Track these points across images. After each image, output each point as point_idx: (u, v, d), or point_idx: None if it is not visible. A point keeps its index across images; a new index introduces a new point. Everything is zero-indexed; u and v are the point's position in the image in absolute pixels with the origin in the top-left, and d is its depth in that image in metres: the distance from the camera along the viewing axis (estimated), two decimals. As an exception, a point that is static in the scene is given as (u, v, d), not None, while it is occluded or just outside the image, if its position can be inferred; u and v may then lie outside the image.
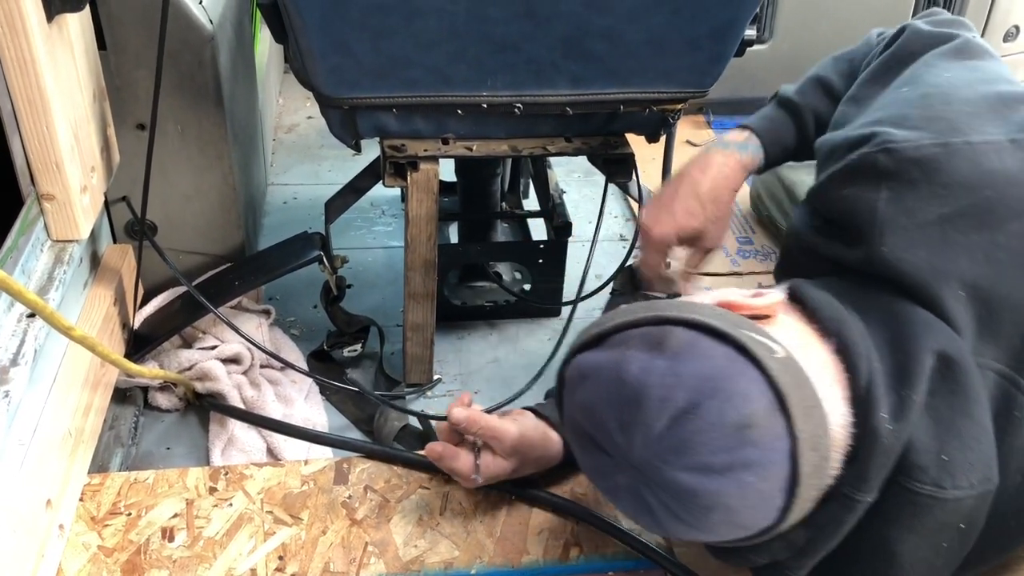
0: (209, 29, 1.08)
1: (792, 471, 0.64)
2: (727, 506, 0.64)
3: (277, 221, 1.57)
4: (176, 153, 1.16)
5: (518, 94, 1.01)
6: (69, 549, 0.91)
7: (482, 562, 0.93)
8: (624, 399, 0.65)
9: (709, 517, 0.65)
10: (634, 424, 0.64)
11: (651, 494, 0.66)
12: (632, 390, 0.65)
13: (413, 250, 1.14)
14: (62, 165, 0.91)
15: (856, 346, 0.70)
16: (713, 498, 0.64)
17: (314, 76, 0.98)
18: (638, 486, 0.66)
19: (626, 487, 0.67)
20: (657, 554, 0.93)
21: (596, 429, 0.68)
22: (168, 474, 1.00)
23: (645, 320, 0.70)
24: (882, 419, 0.68)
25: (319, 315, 1.30)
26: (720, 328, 0.66)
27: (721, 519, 0.65)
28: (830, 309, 0.73)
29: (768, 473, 0.64)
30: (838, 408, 0.68)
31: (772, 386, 0.64)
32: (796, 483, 0.64)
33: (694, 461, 0.63)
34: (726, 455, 0.63)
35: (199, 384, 1.15)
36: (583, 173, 1.78)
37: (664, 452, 0.64)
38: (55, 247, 0.97)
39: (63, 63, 0.90)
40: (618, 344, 0.69)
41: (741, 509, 0.65)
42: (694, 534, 0.67)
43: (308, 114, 1.93)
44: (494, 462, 0.92)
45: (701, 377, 0.64)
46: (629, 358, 0.66)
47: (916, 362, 0.70)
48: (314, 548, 0.93)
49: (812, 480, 0.66)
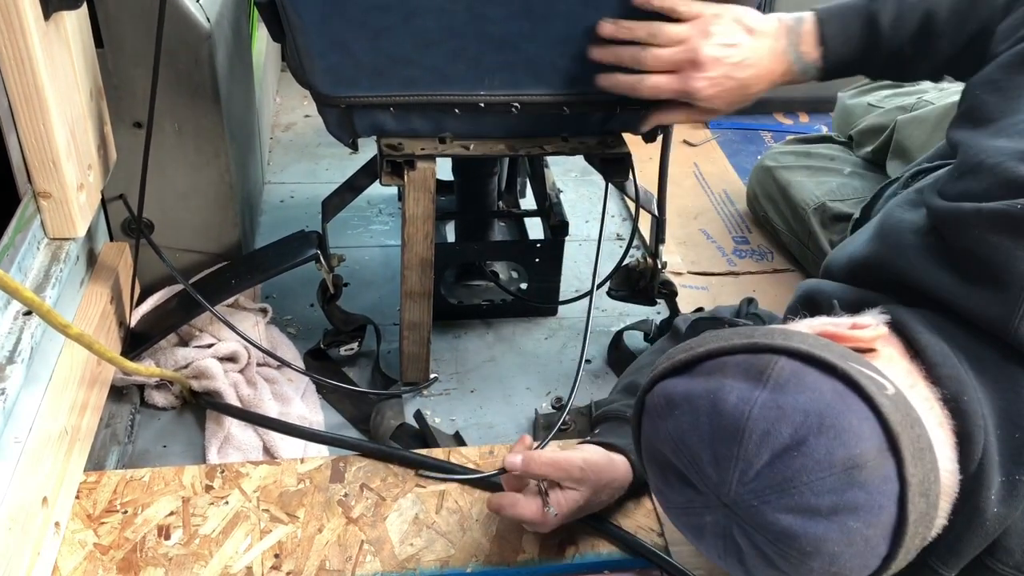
0: (206, 27, 1.08)
1: (900, 517, 0.59)
2: (830, 553, 0.59)
3: (274, 220, 1.57)
4: (173, 151, 1.16)
5: (516, 93, 1.01)
6: (65, 547, 0.91)
7: (478, 561, 0.93)
8: (721, 431, 0.60)
9: (808, 564, 0.59)
10: (732, 459, 0.59)
11: (744, 536, 0.61)
12: (730, 422, 0.60)
13: (410, 249, 1.14)
14: (59, 163, 0.91)
15: (975, 416, 0.65)
16: (815, 544, 0.58)
17: (311, 75, 0.98)
18: (730, 527, 0.61)
19: (714, 527, 0.62)
20: (652, 553, 0.93)
21: (685, 463, 0.63)
22: (164, 472, 1.00)
23: (742, 347, 0.64)
24: (991, 500, 0.64)
25: (316, 314, 1.30)
26: (827, 359, 0.61)
27: (821, 568, 0.60)
28: (947, 365, 0.67)
29: (875, 519, 0.59)
30: (947, 459, 0.64)
31: (883, 424, 0.59)
32: (903, 531, 0.59)
33: (797, 502, 0.58)
34: (832, 497, 0.58)
35: (195, 382, 1.15)
36: (580, 172, 1.78)
37: (764, 491, 0.59)
38: (52, 245, 0.97)
39: (60, 61, 0.90)
40: (712, 372, 0.64)
41: (843, 557, 0.59)
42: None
43: (305, 113, 1.93)
44: (564, 496, 0.87)
45: (808, 411, 0.59)
46: (727, 387, 0.61)
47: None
48: (310, 546, 0.93)
49: (919, 528, 0.61)
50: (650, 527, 0.97)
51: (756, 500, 0.59)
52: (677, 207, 1.68)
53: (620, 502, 0.99)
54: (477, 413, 1.22)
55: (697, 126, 1.97)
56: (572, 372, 1.29)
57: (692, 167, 1.82)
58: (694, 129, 1.95)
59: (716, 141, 1.91)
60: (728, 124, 1.96)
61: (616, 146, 1.12)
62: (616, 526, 0.96)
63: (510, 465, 0.87)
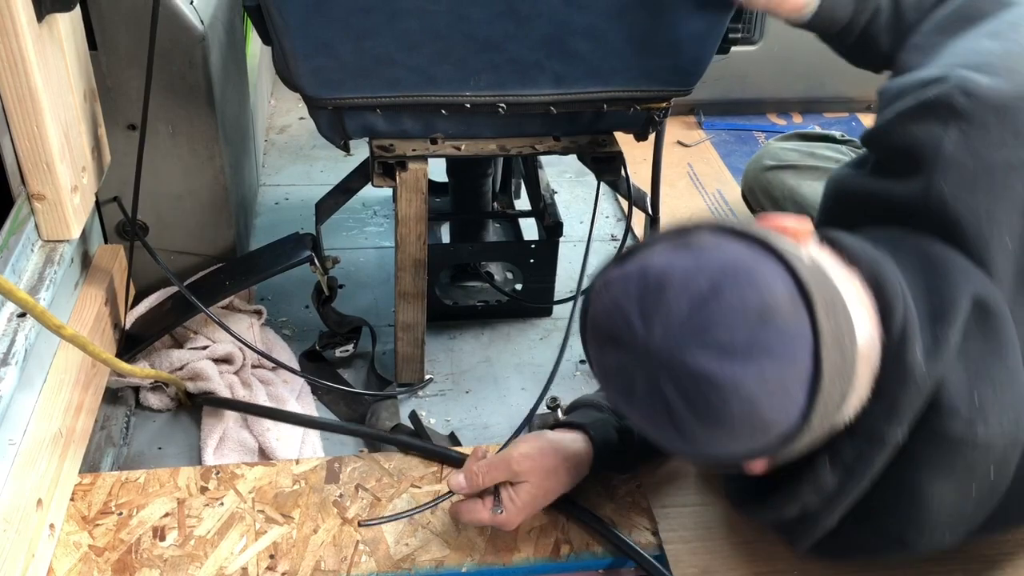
0: (200, 29, 1.08)
1: (814, 368, 0.63)
2: (747, 396, 0.63)
3: (269, 222, 1.58)
4: (167, 153, 1.16)
5: (502, 94, 1.01)
6: (60, 549, 0.91)
7: (473, 560, 0.93)
8: (646, 289, 0.65)
9: (728, 408, 0.63)
10: (655, 312, 0.64)
11: (670, 386, 0.64)
12: (655, 280, 0.65)
13: (403, 250, 1.14)
14: (53, 165, 0.91)
15: (892, 286, 0.70)
16: (733, 384, 0.62)
17: (298, 77, 0.98)
18: (657, 379, 0.65)
19: (644, 386, 0.66)
20: (641, 556, 0.93)
21: (617, 325, 0.67)
22: (159, 473, 1.00)
23: (671, 232, 0.70)
24: (916, 356, 0.69)
25: (311, 315, 1.30)
26: (747, 230, 0.67)
27: (741, 412, 0.63)
28: (864, 250, 0.73)
29: (789, 365, 0.63)
30: (866, 326, 0.68)
31: (796, 279, 0.64)
32: (818, 382, 0.63)
33: (714, 344, 0.63)
34: (746, 337, 0.62)
35: (191, 384, 1.15)
36: (574, 173, 1.78)
37: (684, 336, 0.63)
38: (46, 247, 0.97)
39: (54, 63, 0.90)
40: (642, 251, 0.70)
41: (761, 400, 0.63)
42: (714, 440, 0.66)
43: (300, 115, 1.93)
44: (515, 491, 0.90)
45: (724, 265, 0.64)
46: (654, 255, 0.68)
47: (952, 305, 0.71)
48: (305, 547, 0.93)
49: (836, 383, 0.64)
50: (644, 526, 0.98)
51: (678, 345, 0.64)
52: (671, 208, 1.68)
53: (615, 500, 1.00)
54: (472, 413, 1.22)
55: (691, 127, 1.97)
56: (567, 372, 1.30)
57: (686, 168, 1.82)
58: (688, 130, 1.96)
59: (710, 142, 1.91)
60: (722, 125, 1.97)
61: (608, 145, 1.13)
62: (609, 526, 0.96)
63: (456, 487, 0.91)
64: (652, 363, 0.65)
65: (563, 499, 0.96)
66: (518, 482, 0.90)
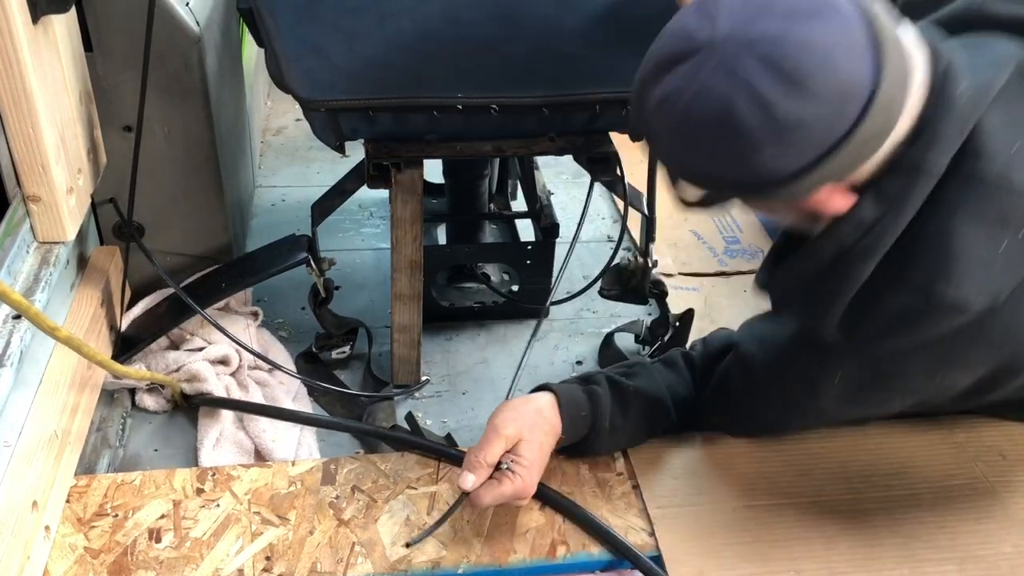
0: (196, 31, 1.08)
1: (872, 36, 0.68)
2: (823, 48, 0.67)
3: (265, 223, 1.58)
4: (163, 155, 1.16)
5: (494, 96, 1.01)
6: (55, 551, 0.91)
7: (469, 561, 0.93)
8: (703, 2, 0.71)
9: (807, 63, 0.67)
10: (716, 9, 0.69)
11: (748, 62, 0.67)
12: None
13: (398, 251, 1.14)
14: (48, 167, 0.91)
15: (938, 38, 0.75)
16: (806, 38, 0.67)
17: (290, 80, 0.98)
18: (731, 66, 0.68)
19: (717, 78, 0.68)
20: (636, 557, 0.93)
21: (679, 41, 0.71)
22: (155, 475, 1.00)
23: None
24: (959, 88, 0.72)
25: (307, 317, 1.30)
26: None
27: (819, 67, 0.67)
28: (926, 27, 0.77)
29: (852, 25, 0.68)
30: (918, 54, 0.73)
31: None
32: (880, 47, 0.68)
33: (780, 10, 0.68)
34: (810, 4, 0.68)
35: (187, 386, 1.15)
36: (571, 175, 1.79)
37: (750, 14, 0.68)
38: (41, 248, 0.97)
39: (49, 64, 0.90)
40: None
41: (836, 52, 0.67)
42: (799, 99, 0.67)
43: (296, 116, 1.94)
44: (517, 453, 0.92)
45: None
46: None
47: (996, 62, 0.75)
48: (301, 548, 0.93)
49: (894, 58, 0.69)
50: (641, 527, 0.98)
51: (748, 23, 0.68)
52: (668, 209, 1.68)
53: (612, 502, 1.00)
54: (469, 415, 1.22)
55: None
56: (564, 373, 1.30)
57: (683, 169, 1.82)
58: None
59: (707, 143, 1.91)
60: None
61: (603, 145, 1.13)
62: (606, 527, 0.96)
63: (465, 483, 0.91)
64: (721, 52, 0.68)
65: (560, 501, 0.96)
66: (517, 448, 0.92)
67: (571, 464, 1.04)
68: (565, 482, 1.02)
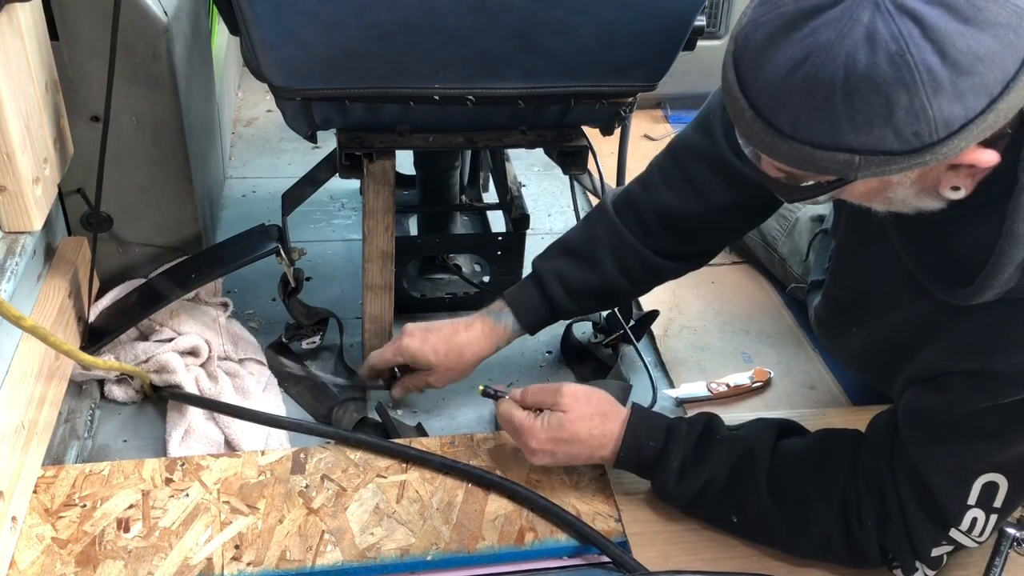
0: (163, 20, 1.08)
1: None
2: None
3: (235, 215, 1.57)
4: (131, 145, 1.16)
5: (470, 87, 1.02)
6: (22, 541, 0.90)
7: (438, 548, 0.94)
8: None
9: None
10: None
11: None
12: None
13: (370, 242, 1.14)
14: (13, 156, 0.90)
15: None
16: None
17: (266, 68, 0.98)
18: (896, 4, 0.62)
19: (881, 21, 0.62)
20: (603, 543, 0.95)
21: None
22: (124, 465, 1.00)
23: None
24: None
25: (278, 308, 1.30)
26: None
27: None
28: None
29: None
30: None
31: None
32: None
33: None
34: None
35: (156, 376, 1.15)
36: (542, 167, 1.79)
37: None
38: (7, 238, 0.96)
39: (14, 53, 0.90)
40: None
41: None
42: (977, 32, 0.61)
43: (268, 108, 1.93)
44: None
45: None
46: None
47: None
48: (271, 537, 0.94)
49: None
50: (608, 513, 0.99)
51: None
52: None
53: (579, 488, 1.01)
54: (439, 405, 1.23)
55: (658, 120, 1.99)
56: (534, 364, 1.31)
57: (653, 161, 1.84)
58: (655, 124, 1.98)
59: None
60: (688, 119, 1.97)
61: (575, 139, 1.14)
62: (572, 515, 0.97)
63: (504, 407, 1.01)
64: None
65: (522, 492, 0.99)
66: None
67: (540, 452, 1.05)
68: (534, 470, 1.03)
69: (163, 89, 1.13)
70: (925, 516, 0.86)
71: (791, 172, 0.72)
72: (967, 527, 0.85)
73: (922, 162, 0.66)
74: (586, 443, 0.96)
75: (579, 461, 0.99)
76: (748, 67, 0.69)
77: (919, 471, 0.86)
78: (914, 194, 0.74)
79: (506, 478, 1.01)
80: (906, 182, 0.72)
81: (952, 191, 0.72)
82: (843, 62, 0.63)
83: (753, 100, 0.68)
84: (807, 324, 1.28)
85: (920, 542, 0.87)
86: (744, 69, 0.69)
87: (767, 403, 1.23)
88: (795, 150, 0.67)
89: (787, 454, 0.94)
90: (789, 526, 0.92)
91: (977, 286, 0.74)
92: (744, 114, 0.70)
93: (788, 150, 0.68)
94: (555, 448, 0.96)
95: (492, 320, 1.13)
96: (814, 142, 0.66)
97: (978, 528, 0.85)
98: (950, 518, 0.85)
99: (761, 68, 0.67)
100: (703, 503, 0.96)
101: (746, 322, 1.39)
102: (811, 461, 0.93)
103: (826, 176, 0.70)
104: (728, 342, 1.35)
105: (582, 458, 0.98)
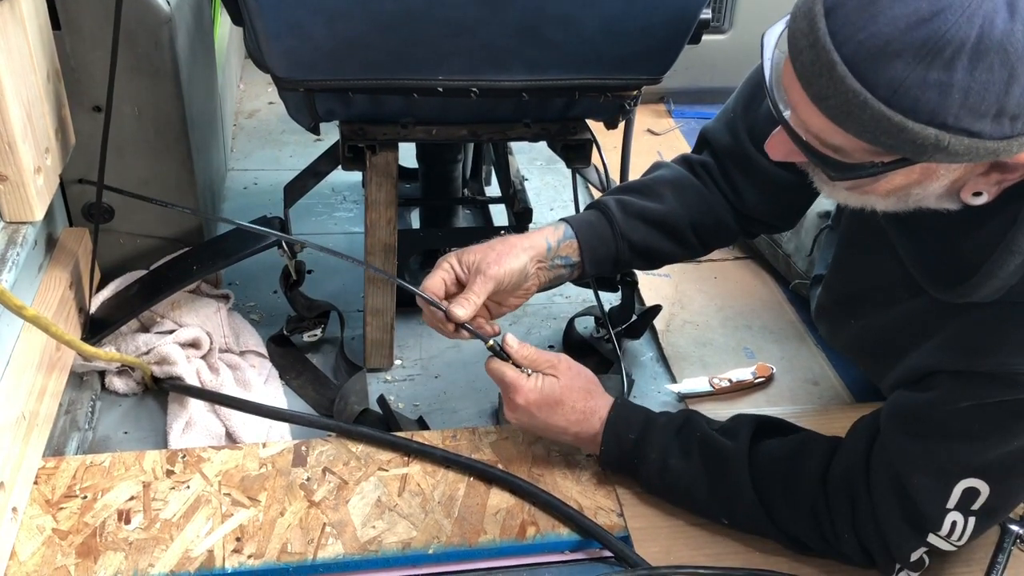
0: (166, 10, 1.07)
1: None
2: None
3: (237, 206, 1.57)
4: (133, 136, 1.15)
5: (474, 78, 1.01)
6: (23, 532, 0.90)
7: (439, 542, 0.94)
8: None
9: None
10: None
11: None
12: None
13: (372, 234, 1.14)
14: (15, 145, 0.90)
15: None
16: None
17: (269, 58, 0.98)
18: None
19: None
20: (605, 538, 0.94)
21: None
22: (125, 457, 1.00)
23: None
24: None
25: (279, 300, 1.30)
26: None
27: None
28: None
29: None
30: None
31: None
32: None
33: None
34: None
35: (157, 368, 1.14)
36: (545, 161, 1.79)
37: None
38: (8, 228, 0.96)
39: (15, 42, 0.89)
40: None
41: None
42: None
43: (269, 100, 1.92)
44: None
45: None
46: None
47: None
48: (272, 529, 0.93)
49: None
50: (610, 508, 0.99)
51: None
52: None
53: (582, 483, 1.01)
54: (441, 398, 1.23)
55: (661, 115, 1.98)
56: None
57: (656, 155, 1.83)
58: (658, 118, 1.97)
59: (680, 130, 1.93)
60: (691, 113, 1.98)
61: (578, 132, 1.14)
62: (575, 509, 0.97)
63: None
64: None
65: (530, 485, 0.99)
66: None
67: (541, 447, 1.05)
68: (536, 464, 1.03)
69: (165, 79, 1.12)
70: (902, 523, 0.85)
71: (841, 147, 0.65)
72: (946, 531, 0.84)
73: (996, 151, 0.60)
74: (567, 414, 0.96)
75: (552, 433, 0.97)
76: (851, 16, 0.60)
77: (899, 475, 0.85)
78: (942, 193, 0.70)
79: (508, 472, 1.00)
80: (946, 178, 0.67)
81: (974, 196, 0.69)
82: (979, 23, 0.57)
83: (849, 54, 0.60)
84: (810, 320, 1.28)
85: (898, 549, 0.86)
86: (843, 18, 0.60)
87: (769, 399, 1.23)
88: (878, 120, 0.60)
89: (760, 461, 0.93)
90: (778, 531, 0.94)
91: (975, 284, 0.74)
92: (829, 71, 0.61)
93: (869, 118, 0.60)
94: (537, 411, 0.95)
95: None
96: (911, 110, 0.59)
97: (957, 532, 0.83)
98: (929, 523, 0.84)
99: (872, 18, 0.59)
100: (690, 503, 0.98)
101: (749, 317, 1.39)
102: (780, 474, 0.93)
103: (891, 155, 0.63)
104: (731, 337, 1.35)
105: (557, 430, 0.96)
